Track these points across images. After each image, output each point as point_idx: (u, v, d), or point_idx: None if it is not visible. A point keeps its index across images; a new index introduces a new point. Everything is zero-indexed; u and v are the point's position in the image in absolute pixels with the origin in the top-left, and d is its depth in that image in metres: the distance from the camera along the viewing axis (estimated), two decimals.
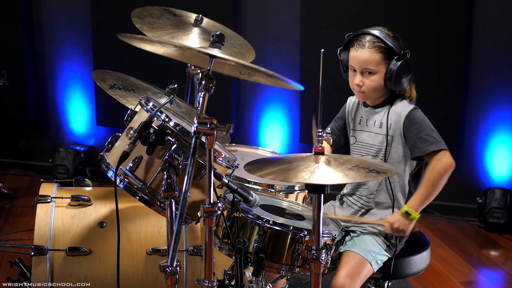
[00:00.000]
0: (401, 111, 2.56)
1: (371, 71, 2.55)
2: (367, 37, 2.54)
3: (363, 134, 2.67)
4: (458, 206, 4.81)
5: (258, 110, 5.06)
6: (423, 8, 4.61)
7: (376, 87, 2.57)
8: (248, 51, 3.22)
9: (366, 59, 2.54)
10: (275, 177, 2.07)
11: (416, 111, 2.56)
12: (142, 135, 2.29)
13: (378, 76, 2.55)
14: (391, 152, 2.57)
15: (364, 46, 2.54)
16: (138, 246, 2.62)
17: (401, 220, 2.48)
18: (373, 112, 2.64)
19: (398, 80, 2.52)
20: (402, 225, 2.47)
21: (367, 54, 2.54)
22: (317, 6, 4.76)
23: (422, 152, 2.50)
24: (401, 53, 2.51)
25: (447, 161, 2.48)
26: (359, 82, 2.57)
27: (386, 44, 2.51)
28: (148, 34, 3.07)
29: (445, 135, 2.56)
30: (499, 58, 4.61)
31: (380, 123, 2.60)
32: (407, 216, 2.47)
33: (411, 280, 3.70)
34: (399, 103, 2.59)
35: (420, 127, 2.52)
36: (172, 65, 3.47)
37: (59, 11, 5.26)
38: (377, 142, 2.61)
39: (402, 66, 2.51)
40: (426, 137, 2.50)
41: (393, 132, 2.57)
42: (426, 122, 2.54)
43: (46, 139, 5.48)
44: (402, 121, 2.55)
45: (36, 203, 2.67)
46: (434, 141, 2.49)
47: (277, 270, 2.33)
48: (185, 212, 1.99)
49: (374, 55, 2.53)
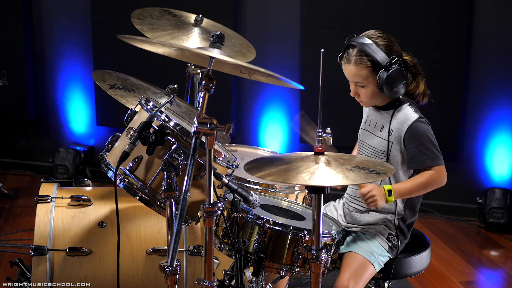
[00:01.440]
0: (404, 119, 2.54)
1: (362, 84, 2.54)
2: (354, 51, 2.51)
3: (365, 134, 2.67)
4: (458, 206, 4.81)
5: (258, 110, 5.07)
6: (423, 8, 4.61)
7: (371, 97, 2.56)
8: (249, 50, 3.22)
9: (354, 74, 2.53)
10: (275, 178, 2.07)
11: (420, 122, 2.53)
12: (142, 135, 2.29)
13: (369, 88, 2.54)
14: (390, 157, 2.57)
15: (350, 61, 2.52)
16: (138, 246, 2.62)
17: (381, 193, 2.44)
18: (377, 114, 2.64)
19: (390, 89, 2.49)
20: (379, 196, 2.42)
21: (354, 70, 2.52)
22: (317, 6, 4.76)
23: (419, 166, 2.51)
24: (387, 64, 2.47)
25: (443, 176, 2.50)
26: (354, 94, 2.59)
27: (371, 56, 2.48)
28: (148, 35, 3.07)
29: (445, 135, 2.57)
30: (499, 58, 4.61)
31: (382, 126, 2.60)
32: (388, 193, 2.44)
33: (411, 280, 3.70)
34: (404, 109, 2.56)
35: (421, 141, 2.50)
36: (172, 65, 3.48)
37: (59, 11, 5.26)
38: (376, 144, 2.60)
39: (391, 77, 2.47)
40: (426, 151, 2.49)
41: (394, 139, 2.55)
42: (427, 136, 2.51)
43: (46, 139, 5.48)
44: (404, 130, 2.53)
45: (36, 203, 2.67)
46: (433, 156, 2.49)
47: (277, 270, 2.33)
48: (185, 212, 1.98)
49: (361, 71, 2.51)
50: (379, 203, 2.43)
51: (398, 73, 2.49)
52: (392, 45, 2.54)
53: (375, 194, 2.43)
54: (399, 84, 2.50)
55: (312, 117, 2.62)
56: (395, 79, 2.48)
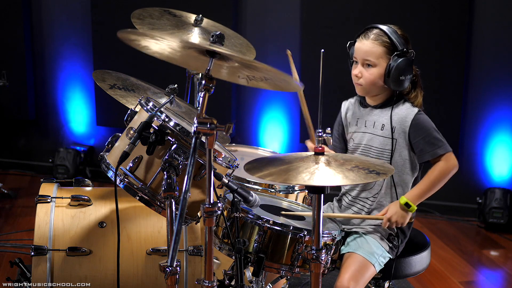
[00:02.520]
0: (406, 114, 2.56)
1: (371, 63, 2.55)
2: (374, 30, 2.56)
3: (360, 135, 2.66)
4: (458, 206, 4.81)
5: (258, 110, 5.06)
6: (423, 8, 4.61)
7: (373, 81, 2.56)
8: (249, 50, 3.22)
9: (368, 50, 2.55)
10: (275, 178, 2.07)
11: (421, 114, 2.56)
12: (142, 135, 2.29)
13: (377, 70, 2.54)
14: (395, 155, 2.57)
15: (368, 37, 2.55)
16: (138, 246, 2.62)
17: (399, 213, 2.47)
18: (372, 113, 2.64)
19: (397, 77, 2.51)
20: (400, 217, 2.48)
21: (370, 45, 2.55)
22: (317, 6, 4.76)
23: (432, 156, 2.52)
24: (403, 50, 2.51)
25: (453, 163, 2.52)
26: (357, 73, 2.58)
27: (390, 39, 2.52)
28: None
29: (445, 135, 2.57)
30: (499, 58, 4.61)
31: (382, 125, 2.59)
32: (406, 207, 2.47)
33: (411, 280, 3.70)
34: (401, 105, 2.59)
35: (427, 131, 2.53)
36: (172, 65, 3.47)
37: (59, 11, 5.26)
38: (378, 143, 2.60)
39: (402, 64, 2.50)
40: (434, 140, 2.52)
41: (398, 135, 2.56)
42: (431, 125, 2.55)
43: (46, 139, 5.48)
44: (408, 125, 2.54)
45: (36, 203, 2.67)
46: (441, 144, 2.52)
47: (277, 270, 2.33)
48: (185, 212, 1.98)
49: (376, 47, 2.54)
50: (405, 221, 2.49)
51: (410, 64, 2.52)
52: (409, 41, 2.58)
53: (397, 219, 2.48)
54: (406, 75, 2.52)
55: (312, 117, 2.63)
56: (405, 69, 2.51)
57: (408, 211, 2.48)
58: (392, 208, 2.50)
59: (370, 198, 2.61)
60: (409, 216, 2.49)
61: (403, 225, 2.50)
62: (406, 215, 2.48)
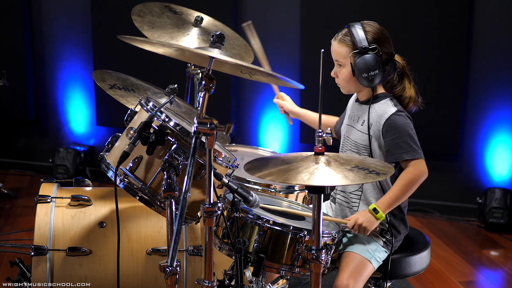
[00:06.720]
0: (382, 113, 2.55)
1: (341, 63, 2.59)
2: (343, 30, 2.59)
3: (347, 128, 2.70)
4: (458, 206, 4.81)
5: (258, 110, 5.06)
6: (423, 8, 4.61)
7: (346, 80, 2.59)
8: (247, 52, 3.22)
9: (335, 51, 2.60)
10: (275, 178, 2.07)
11: (398, 115, 2.53)
12: (142, 135, 2.29)
13: (346, 69, 2.57)
14: (373, 151, 2.57)
15: (336, 38, 2.60)
16: (138, 246, 2.62)
17: (367, 217, 2.45)
18: (359, 108, 2.66)
19: (360, 73, 2.51)
20: (366, 222, 2.45)
21: (336, 46, 2.59)
22: (317, 6, 4.76)
23: (395, 159, 2.50)
24: (363, 47, 2.50)
25: (422, 170, 2.48)
26: (332, 74, 2.63)
27: (353, 37, 2.52)
28: (148, 34, 3.07)
29: (445, 135, 2.57)
30: (499, 58, 4.61)
31: (363, 121, 2.61)
32: (374, 213, 2.45)
33: (411, 280, 3.70)
34: (383, 103, 2.58)
35: (398, 134, 2.50)
36: (172, 65, 3.48)
37: (59, 11, 5.26)
38: (358, 139, 2.61)
39: (362, 61, 2.50)
40: (403, 144, 2.49)
41: (373, 132, 2.56)
42: (405, 129, 2.51)
43: (46, 139, 5.48)
44: (382, 123, 2.54)
45: (36, 203, 2.67)
46: (410, 149, 2.48)
47: (277, 270, 2.33)
48: (185, 212, 1.99)
49: (341, 48, 2.56)
50: (371, 227, 2.45)
51: (372, 61, 2.50)
52: (381, 39, 2.55)
53: (361, 222, 2.45)
54: (371, 72, 2.51)
55: None
56: (366, 66, 2.50)
57: (376, 217, 2.45)
58: (360, 212, 2.50)
59: (354, 192, 2.63)
60: (376, 223, 2.46)
61: (367, 233, 2.46)
62: (373, 220, 2.45)
